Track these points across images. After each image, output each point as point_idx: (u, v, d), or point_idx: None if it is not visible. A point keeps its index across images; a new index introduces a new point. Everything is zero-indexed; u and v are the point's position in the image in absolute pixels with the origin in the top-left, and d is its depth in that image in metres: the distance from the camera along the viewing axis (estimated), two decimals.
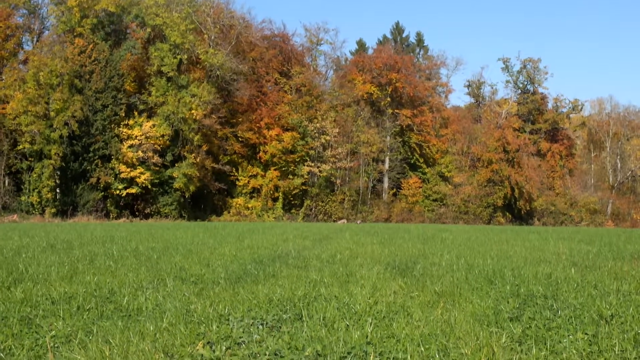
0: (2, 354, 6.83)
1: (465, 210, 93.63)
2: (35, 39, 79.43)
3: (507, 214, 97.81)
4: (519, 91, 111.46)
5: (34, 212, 68.54)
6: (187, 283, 11.47)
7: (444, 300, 9.76)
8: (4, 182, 70.96)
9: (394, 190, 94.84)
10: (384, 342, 7.24)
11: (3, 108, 70.29)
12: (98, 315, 8.58)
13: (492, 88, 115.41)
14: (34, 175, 68.71)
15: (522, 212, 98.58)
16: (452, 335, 7.55)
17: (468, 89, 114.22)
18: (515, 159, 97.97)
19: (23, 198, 69.62)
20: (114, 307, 9.11)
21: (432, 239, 28.86)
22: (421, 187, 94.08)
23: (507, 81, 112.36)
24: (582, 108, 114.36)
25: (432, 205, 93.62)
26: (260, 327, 7.90)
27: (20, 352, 6.88)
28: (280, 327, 7.94)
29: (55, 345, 7.14)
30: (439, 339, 7.37)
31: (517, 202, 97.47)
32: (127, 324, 8.01)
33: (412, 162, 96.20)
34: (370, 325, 7.93)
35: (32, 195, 68.70)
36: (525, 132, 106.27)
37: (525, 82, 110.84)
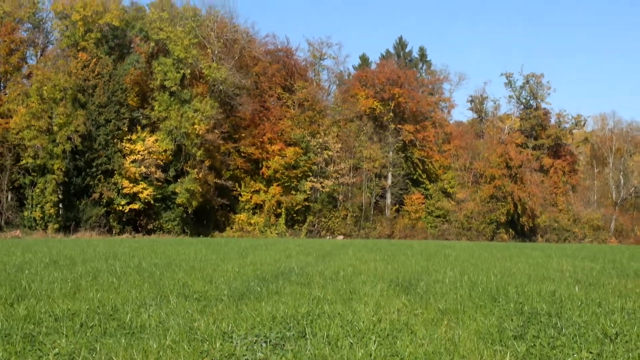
0: None
1: (468, 226, 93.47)
2: (39, 53, 79.66)
3: (510, 230, 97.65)
4: (522, 106, 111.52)
5: (36, 227, 68.50)
6: (190, 300, 11.46)
7: (447, 318, 9.75)
8: (7, 198, 70.99)
9: (397, 206, 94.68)
10: None
11: (6, 122, 70.38)
12: (101, 333, 8.56)
13: (495, 103, 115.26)
14: (37, 191, 68.73)
15: (525, 229, 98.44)
16: (456, 354, 7.54)
17: (471, 104, 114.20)
18: (518, 175, 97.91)
19: (26, 213, 69.58)
20: (117, 324, 9.09)
21: (435, 255, 28.83)
22: (424, 203, 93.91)
23: (510, 96, 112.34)
24: (584, 124, 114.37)
25: (435, 221, 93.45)
26: (264, 344, 7.89)
27: None
28: (283, 344, 7.93)
29: None
30: (443, 357, 7.36)
31: (520, 219, 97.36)
32: (131, 342, 8.00)
33: (415, 177, 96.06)
34: (374, 343, 7.92)
35: (35, 211, 68.69)
36: (528, 147, 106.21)
37: (528, 98, 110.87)
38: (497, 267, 21.07)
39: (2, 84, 76.96)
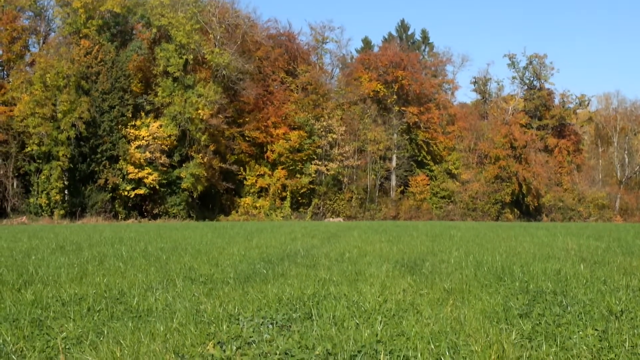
0: (14, 356, 6.86)
1: (473, 207, 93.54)
2: (41, 41, 79.54)
3: (515, 210, 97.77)
4: (526, 87, 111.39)
5: (42, 213, 68.71)
6: (196, 283, 11.50)
7: (453, 298, 9.77)
8: (13, 185, 71.10)
9: (402, 188, 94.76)
10: (394, 340, 7.25)
11: (10, 110, 70.43)
12: (108, 317, 8.61)
13: (499, 84, 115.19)
14: (42, 177, 68.87)
15: (530, 208, 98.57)
16: (462, 333, 7.56)
17: (474, 85, 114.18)
18: (522, 155, 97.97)
19: (32, 200, 69.79)
20: (124, 308, 9.14)
21: (440, 236, 28.84)
22: (429, 184, 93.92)
23: (514, 77, 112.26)
24: (588, 103, 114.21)
25: (440, 202, 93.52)
26: (270, 326, 7.92)
27: (32, 354, 6.92)
28: (290, 326, 7.96)
29: (67, 347, 7.17)
30: (449, 336, 7.38)
31: (525, 199, 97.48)
32: (138, 325, 8.04)
33: (420, 159, 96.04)
34: (380, 323, 7.94)
35: (41, 197, 68.87)
36: (532, 128, 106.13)
37: (532, 78, 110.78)
38: (502, 247, 21.08)
39: (5, 72, 77.04)
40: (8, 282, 11.68)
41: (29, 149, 69.61)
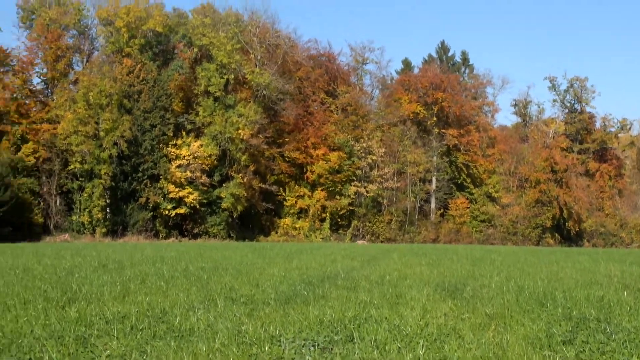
0: None
1: (514, 231, 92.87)
2: (85, 60, 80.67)
3: (556, 235, 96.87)
4: (566, 110, 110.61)
5: (85, 231, 69.45)
6: (237, 303, 11.53)
7: (495, 323, 9.72)
8: (56, 202, 72.00)
9: (442, 210, 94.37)
10: None
11: (54, 128, 71.42)
12: (151, 335, 8.66)
13: (539, 107, 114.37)
14: (85, 195, 69.66)
15: (572, 233, 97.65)
16: (505, 359, 7.52)
17: (514, 108, 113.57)
18: (563, 179, 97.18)
19: (74, 218, 70.59)
20: (167, 327, 9.18)
21: (480, 260, 28.70)
22: (469, 207, 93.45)
23: (554, 100, 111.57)
24: (630, 127, 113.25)
25: (479, 226, 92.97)
26: (312, 348, 7.92)
27: None
28: (331, 348, 7.96)
29: None
30: None
31: (566, 223, 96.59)
32: (180, 344, 8.08)
33: (459, 182, 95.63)
34: (422, 347, 7.92)
35: (83, 215, 69.65)
36: (573, 152, 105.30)
37: (573, 101, 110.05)
38: (543, 272, 20.92)
39: (49, 90, 78.07)
40: (53, 299, 11.82)
41: (71, 166, 70.50)
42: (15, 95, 74.47)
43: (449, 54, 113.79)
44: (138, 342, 8.21)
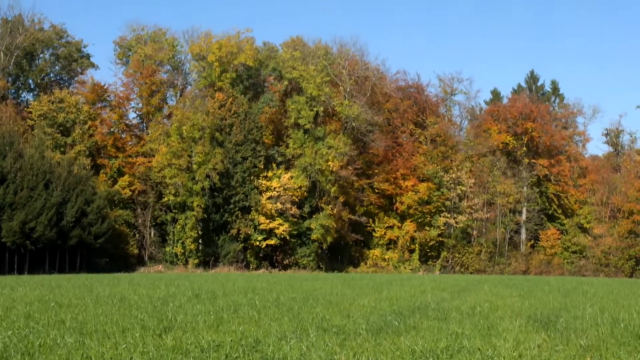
0: None
1: (606, 262, 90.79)
2: (178, 94, 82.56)
3: None
4: None
5: (177, 262, 70.79)
6: (329, 333, 11.76)
7: (590, 355, 9.71)
8: (150, 234, 73.63)
9: (532, 241, 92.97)
10: None
11: (149, 161, 73.11)
12: None
13: (632, 136, 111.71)
14: (178, 227, 71.08)
15: None
16: None
17: (606, 137, 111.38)
18: None
19: (168, 249, 72.12)
20: (260, 356, 9.48)
21: (573, 291, 28.42)
22: (560, 238, 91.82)
23: None
24: None
25: (571, 257, 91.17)
26: None
27: None
28: None
29: None
30: None
31: None
32: None
33: (550, 212, 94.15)
34: None
35: (177, 246, 71.08)
36: None
37: None
38: (638, 304, 20.68)
39: (144, 125, 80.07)
40: (149, 327, 12.29)
41: (165, 199, 72.04)
42: (112, 129, 76.75)
43: (539, 84, 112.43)
44: None
